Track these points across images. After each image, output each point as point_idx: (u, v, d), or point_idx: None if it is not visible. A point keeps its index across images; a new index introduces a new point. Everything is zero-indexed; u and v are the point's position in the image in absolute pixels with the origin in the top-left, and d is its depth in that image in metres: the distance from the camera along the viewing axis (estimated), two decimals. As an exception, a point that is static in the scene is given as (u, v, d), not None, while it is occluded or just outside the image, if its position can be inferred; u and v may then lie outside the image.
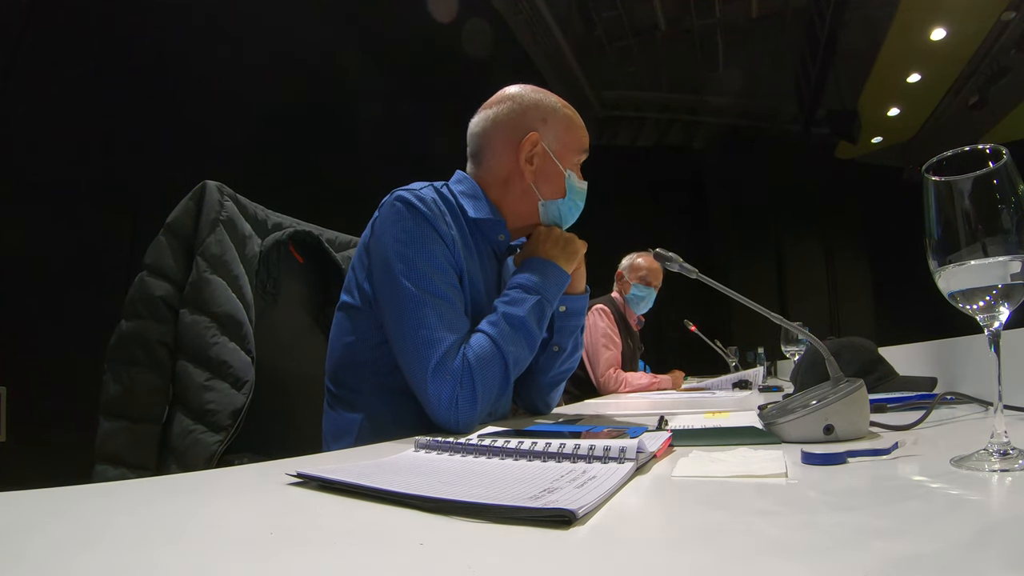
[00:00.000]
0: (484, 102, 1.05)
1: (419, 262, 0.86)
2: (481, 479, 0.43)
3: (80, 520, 0.36)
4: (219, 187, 1.06)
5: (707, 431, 0.68)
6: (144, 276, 0.99)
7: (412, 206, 0.88)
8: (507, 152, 0.99)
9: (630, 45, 5.79)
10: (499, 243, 1.02)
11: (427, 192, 0.92)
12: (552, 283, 0.95)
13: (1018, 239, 0.42)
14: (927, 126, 6.10)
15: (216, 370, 0.95)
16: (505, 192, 1.00)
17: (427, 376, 0.82)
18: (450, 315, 0.86)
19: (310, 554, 0.29)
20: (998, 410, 0.44)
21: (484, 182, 1.02)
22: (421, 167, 1.12)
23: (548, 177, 1.00)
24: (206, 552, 0.30)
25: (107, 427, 0.93)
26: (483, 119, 1.02)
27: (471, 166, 1.05)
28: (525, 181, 0.99)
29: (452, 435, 0.70)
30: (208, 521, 0.37)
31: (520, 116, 1.00)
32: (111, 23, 2.15)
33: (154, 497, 0.44)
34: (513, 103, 1.01)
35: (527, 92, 1.02)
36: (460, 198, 0.99)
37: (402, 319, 0.85)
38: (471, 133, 1.04)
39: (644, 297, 2.60)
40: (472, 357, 0.84)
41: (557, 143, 1.00)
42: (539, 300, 0.91)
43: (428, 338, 0.83)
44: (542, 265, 0.95)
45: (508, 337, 0.87)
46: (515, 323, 0.88)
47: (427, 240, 0.88)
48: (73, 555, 0.29)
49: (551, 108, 1.01)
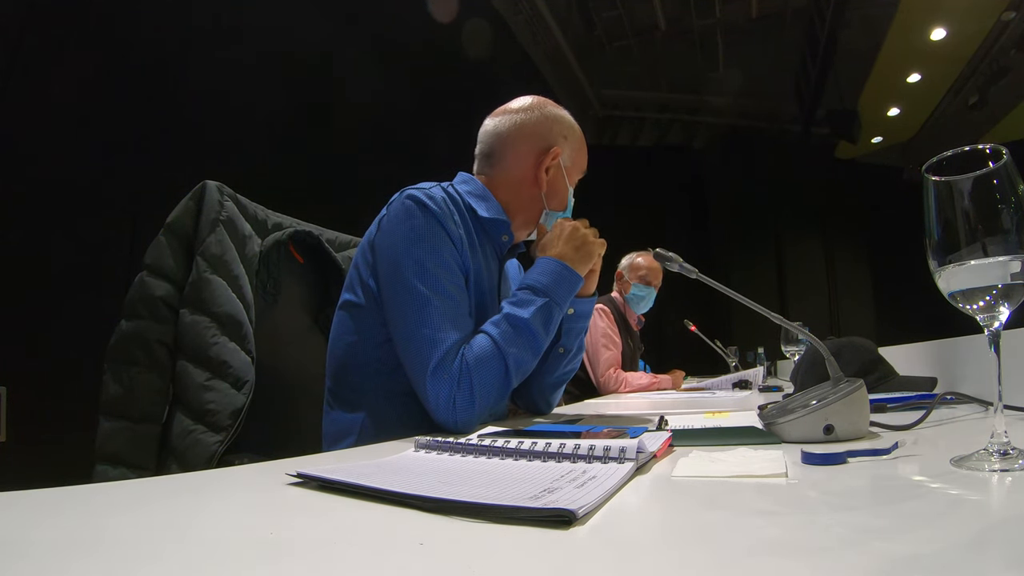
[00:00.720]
0: (502, 104, 1.08)
1: (427, 261, 0.87)
2: (481, 479, 0.43)
3: (80, 520, 0.36)
4: (219, 187, 1.06)
5: (707, 431, 0.68)
6: (144, 276, 0.99)
7: (423, 204, 0.89)
8: (529, 159, 1.03)
9: (630, 45, 5.78)
10: (502, 244, 1.03)
11: (437, 192, 0.93)
12: (563, 286, 0.92)
13: (1018, 239, 0.42)
14: (927, 126, 6.10)
15: (216, 370, 0.95)
16: (515, 196, 1.03)
17: (427, 375, 0.82)
18: (454, 315, 0.86)
19: (310, 554, 0.29)
20: (998, 410, 0.44)
21: (494, 182, 1.03)
22: (421, 167, 1.12)
23: (556, 190, 1.04)
24: (206, 552, 0.30)
25: (107, 427, 0.93)
26: (508, 122, 1.04)
27: (480, 165, 1.06)
28: (537, 189, 1.03)
29: (452, 435, 0.70)
30: (208, 521, 0.37)
31: (547, 128, 1.04)
32: (111, 23, 2.15)
33: (154, 497, 0.44)
34: (541, 114, 1.04)
35: (552, 106, 1.07)
36: (467, 198, 1.00)
37: (406, 317, 0.85)
38: (489, 132, 1.05)
39: (644, 297, 2.60)
40: (471, 358, 0.84)
41: (570, 161, 1.06)
42: (547, 303, 0.90)
43: (431, 337, 0.83)
44: (554, 266, 0.93)
45: (510, 339, 0.86)
46: (518, 325, 0.87)
47: (436, 239, 0.88)
48: (73, 555, 0.29)
49: (571, 127, 1.07)
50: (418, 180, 1.03)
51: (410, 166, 1.13)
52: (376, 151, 3.21)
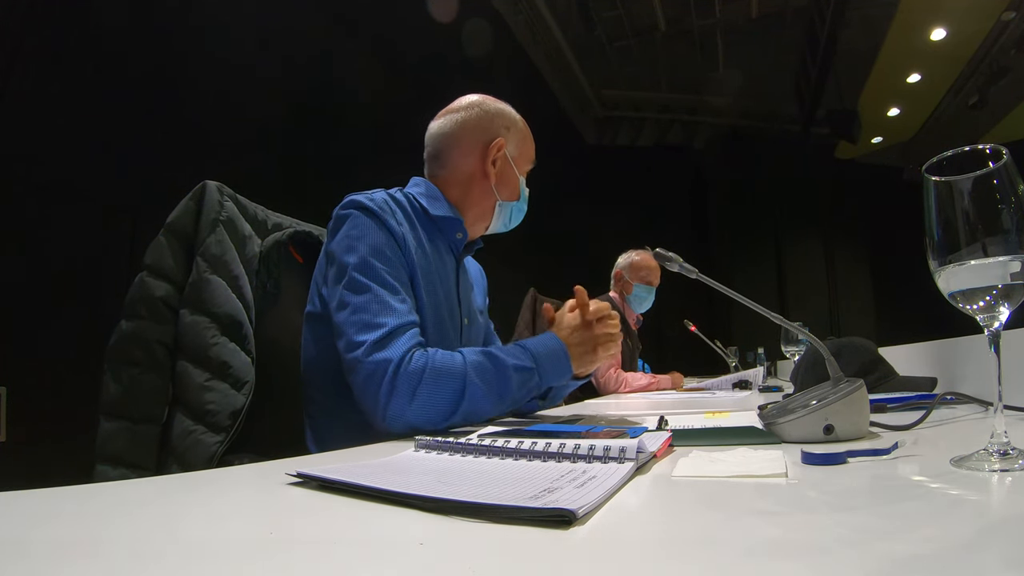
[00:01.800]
0: (444, 107, 1.11)
1: (367, 255, 0.89)
2: (481, 479, 0.43)
3: (80, 520, 0.36)
4: (219, 187, 1.05)
5: (707, 431, 0.68)
6: (144, 276, 0.98)
7: (362, 205, 0.93)
8: (474, 154, 1.06)
9: (630, 45, 5.79)
10: (457, 241, 1.06)
11: (378, 194, 0.96)
12: (555, 370, 0.90)
13: (1018, 239, 0.42)
14: (927, 126, 6.11)
15: (216, 370, 0.95)
16: (466, 192, 1.06)
17: (359, 358, 0.82)
18: (392, 302, 0.86)
19: (310, 554, 0.29)
20: (998, 410, 0.44)
21: (444, 182, 1.07)
22: (421, 166, 1.12)
23: (506, 180, 1.08)
24: (206, 552, 0.30)
25: (107, 428, 0.93)
26: (450, 122, 1.07)
27: (430, 167, 1.10)
28: (487, 182, 1.06)
29: (377, 420, 0.77)
30: (208, 521, 0.37)
31: (488, 122, 1.07)
32: (111, 23, 2.15)
33: (154, 497, 0.44)
34: (481, 110, 1.08)
35: (492, 101, 1.10)
36: (419, 199, 1.03)
37: (343, 304, 0.87)
38: (434, 134, 1.09)
39: (647, 297, 2.60)
40: (433, 364, 0.81)
41: (516, 151, 1.09)
42: (533, 373, 0.87)
43: (367, 322, 0.84)
44: (556, 348, 0.91)
45: (482, 371, 0.83)
46: (498, 366, 0.85)
47: (375, 235, 0.91)
48: (73, 555, 0.29)
49: (513, 119, 1.10)
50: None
51: (410, 165, 1.14)
52: (376, 150, 3.20)
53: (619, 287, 2.65)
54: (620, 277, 2.64)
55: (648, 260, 2.60)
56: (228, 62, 2.49)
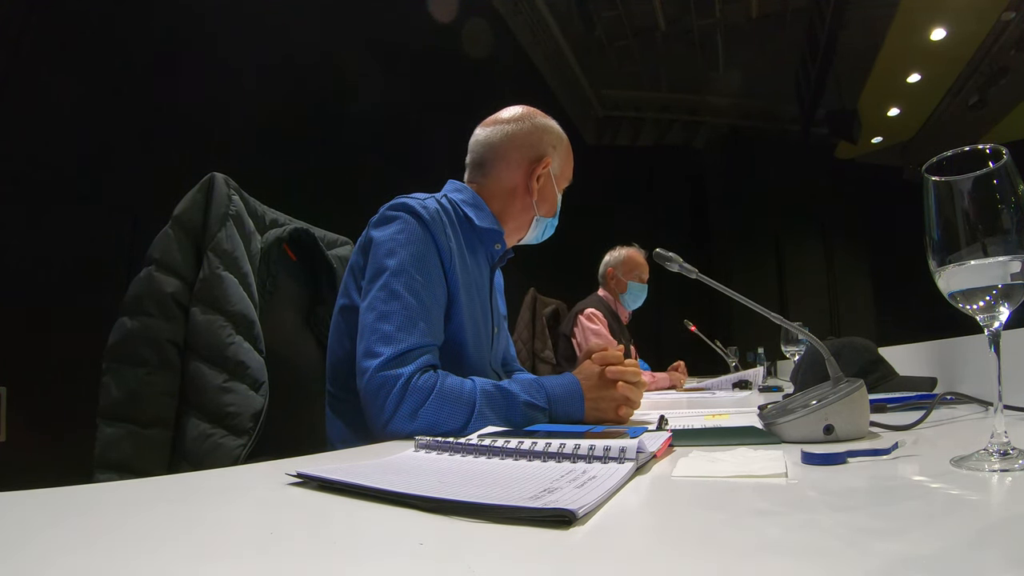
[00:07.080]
0: (501, 106, 1.10)
1: (409, 265, 0.88)
2: (481, 479, 0.43)
3: (80, 520, 0.36)
4: (226, 180, 1.01)
5: (707, 431, 0.68)
6: (152, 271, 0.92)
7: (415, 213, 0.91)
8: (520, 169, 1.06)
9: (630, 45, 5.78)
10: (495, 251, 1.06)
11: (431, 203, 0.95)
12: (567, 409, 0.88)
13: (1018, 239, 0.42)
14: (927, 126, 6.10)
15: (234, 371, 0.91)
16: (507, 204, 1.06)
17: (372, 369, 0.81)
18: (417, 320, 0.85)
19: (310, 554, 0.29)
20: (998, 410, 0.44)
21: (487, 191, 1.06)
22: (421, 166, 1.12)
23: (547, 197, 1.08)
24: (206, 552, 0.30)
25: (109, 433, 0.86)
26: (499, 132, 1.07)
27: (472, 174, 1.08)
28: (529, 198, 1.06)
29: (377, 431, 0.77)
30: (208, 521, 0.37)
31: (537, 139, 1.07)
32: (111, 22, 2.15)
33: (154, 497, 0.44)
34: (532, 124, 1.08)
35: (541, 116, 1.11)
36: (463, 207, 1.02)
37: (372, 306, 0.86)
38: (480, 142, 1.08)
39: (641, 294, 2.60)
40: (444, 387, 0.81)
41: (559, 169, 1.10)
42: (544, 413, 0.86)
43: (389, 335, 0.83)
44: (574, 391, 0.89)
45: (492, 401, 0.83)
46: (508, 398, 0.84)
47: (423, 247, 0.90)
48: (73, 555, 0.29)
49: (560, 137, 1.11)
50: (417, 179, 1.03)
51: (410, 165, 1.14)
52: (375, 150, 3.20)
53: (611, 285, 2.62)
54: (613, 275, 2.61)
55: (638, 256, 2.58)
56: (228, 61, 2.49)
